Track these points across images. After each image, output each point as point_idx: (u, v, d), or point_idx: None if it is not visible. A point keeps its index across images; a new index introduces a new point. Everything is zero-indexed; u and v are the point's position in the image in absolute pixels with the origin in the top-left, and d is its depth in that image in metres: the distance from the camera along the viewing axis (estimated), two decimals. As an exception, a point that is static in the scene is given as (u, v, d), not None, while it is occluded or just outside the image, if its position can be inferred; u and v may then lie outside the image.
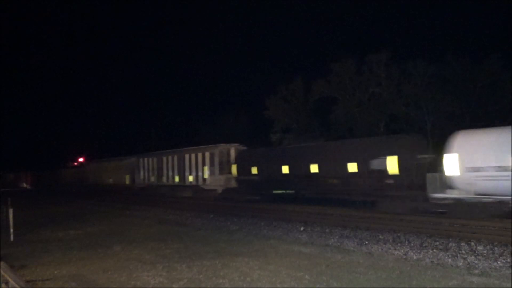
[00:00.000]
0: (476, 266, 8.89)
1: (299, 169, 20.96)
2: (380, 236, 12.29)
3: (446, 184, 14.86)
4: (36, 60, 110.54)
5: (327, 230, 13.69)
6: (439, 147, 16.72)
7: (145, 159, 35.59)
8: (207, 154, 27.12)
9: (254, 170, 23.90)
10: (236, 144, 27.14)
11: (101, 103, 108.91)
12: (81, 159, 63.78)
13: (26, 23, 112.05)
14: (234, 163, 25.85)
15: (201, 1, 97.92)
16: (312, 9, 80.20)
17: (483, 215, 13.30)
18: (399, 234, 12.34)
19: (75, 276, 9.09)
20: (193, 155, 28.51)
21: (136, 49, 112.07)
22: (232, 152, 26.51)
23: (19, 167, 73.37)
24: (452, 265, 9.02)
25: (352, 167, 18.18)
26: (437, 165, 15.61)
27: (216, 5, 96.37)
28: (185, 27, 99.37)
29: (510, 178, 12.81)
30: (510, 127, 13.75)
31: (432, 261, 9.38)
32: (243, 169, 24.93)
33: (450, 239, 11.33)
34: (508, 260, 9.15)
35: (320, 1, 79.27)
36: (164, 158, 32.17)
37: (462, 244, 10.80)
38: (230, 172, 25.91)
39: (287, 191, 22.65)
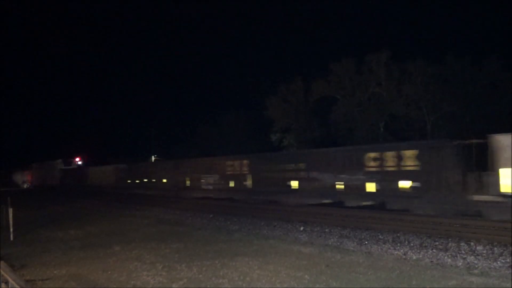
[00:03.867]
0: (476, 266, 8.88)
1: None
2: (380, 236, 12.29)
3: None
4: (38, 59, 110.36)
5: (327, 230, 13.69)
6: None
7: None
8: None
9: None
10: None
11: (101, 103, 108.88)
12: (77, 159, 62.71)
13: (27, 23, 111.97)
14: None
15: (201, 1, 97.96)
16: (312, 9, 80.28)
17: None
18: (399, 234, 12.34)
19: (75, 276, 9.09)
20: None
21: (137, 48, 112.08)
22: None
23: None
24: (451, 265, 9.01)
25: None
26: None
27: (216, 5, 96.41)
28: (185, 27, 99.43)
29: None
30: None
31: (431, 261, 9.38)
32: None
33: (450, 239, 11.34)
34: (508, 260, 9.15)
35: (320, 1, 79.30)
36: None
37: (462, 244, 10.81)
38: None
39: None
